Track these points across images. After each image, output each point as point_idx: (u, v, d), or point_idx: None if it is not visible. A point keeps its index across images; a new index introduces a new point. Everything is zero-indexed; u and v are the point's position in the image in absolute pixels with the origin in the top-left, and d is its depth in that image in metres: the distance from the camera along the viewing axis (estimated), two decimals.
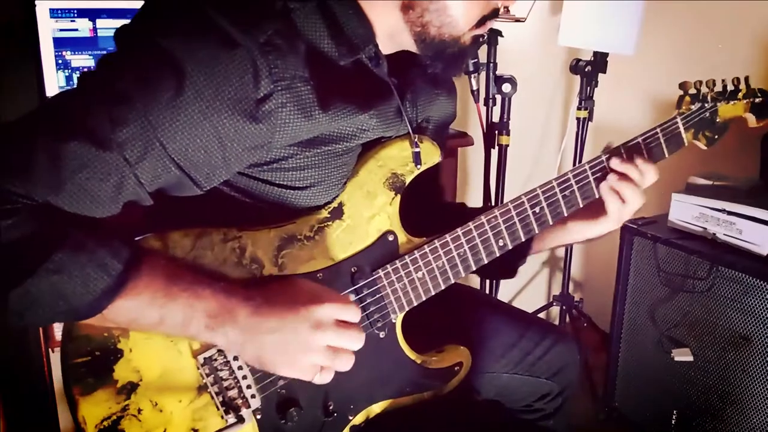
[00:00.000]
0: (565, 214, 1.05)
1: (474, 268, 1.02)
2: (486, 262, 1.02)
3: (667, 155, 1.07)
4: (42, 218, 0.74)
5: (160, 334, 0.85)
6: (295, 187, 0.91)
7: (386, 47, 0.95)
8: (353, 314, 0.88)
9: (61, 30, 1.63)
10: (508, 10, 0.93)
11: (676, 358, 1.78)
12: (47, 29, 1.62)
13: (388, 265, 0.98)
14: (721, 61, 2.07)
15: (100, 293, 0.76)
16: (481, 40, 1.80)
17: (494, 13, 0.92)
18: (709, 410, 1.75)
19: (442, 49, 0.92)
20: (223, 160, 0.82)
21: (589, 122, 2.23)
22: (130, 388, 0.86)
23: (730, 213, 1.68)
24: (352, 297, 0.97)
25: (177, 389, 0.88)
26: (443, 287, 1.01)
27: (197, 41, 0.77)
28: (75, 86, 0.80)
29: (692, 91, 1.10)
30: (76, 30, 1.65)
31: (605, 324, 2.17)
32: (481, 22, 0.91)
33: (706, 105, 1.09)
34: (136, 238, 0.84)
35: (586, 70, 2.14)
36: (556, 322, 2.57)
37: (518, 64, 2.21)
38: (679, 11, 2.18)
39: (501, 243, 1.02)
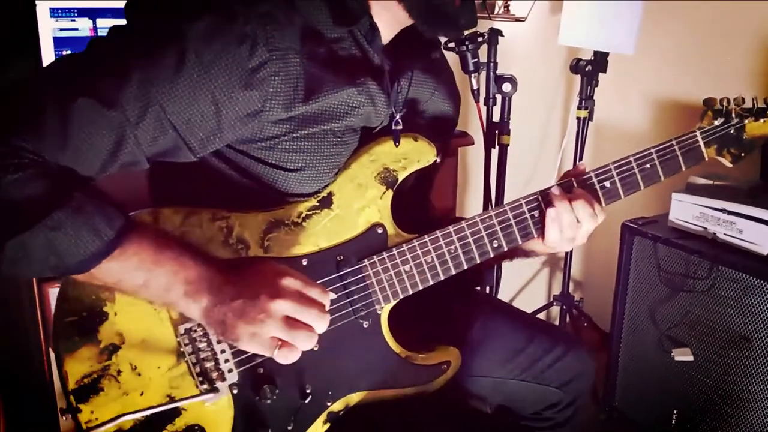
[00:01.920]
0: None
1: (465, 267, 1.02)
2: (479, 261, 1.02)
3: (684, 168, 1.06)
4: (48, 177, 0.79)
5: (142, 298, 0.88)
6: (287, 169, 0.94)
7: (384, 30, 0.98)
8: (318, 293, 0.88)
9: (62, 29, 1.63)
10: None
11: (677, 358, 1.78)
12: (47, 29, 1.62)
13: (374, 256, 0.99)
14: (722, 60, 2.08)
15: (90, 255, 0.81)
16: (480, 39, 1.82)
17: None
18: (710, 410, 1.75)
19: (429, 4, 0.93)
20: (218, 126, 0.86)
21: (590, 122, 2.23)
22: (112, 349, 0.90)
23: (730, 213, 1.68)
24: (336, 284, 0.97)
25: (156, 355, 0.92)
26: (431, 282, 1.01)
27: (201, 13, 0.82)
28: (84, 50, 0.84)
29: (718, 107, 1.08)
30: (77, 29, 1.65)
31: (605, 324, 2.17)
32: None
33: (731, 121, 1.07)
34: (131, 213, 0.88)
35: (587, 69, 2.14)
36: (557, 322, 2.57)
37: (518, 64, 2.21)
38: (679, 10, 2.18)
39: (495, 244, 1.02)
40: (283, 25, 0.86)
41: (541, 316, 2.63)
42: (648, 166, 1.05)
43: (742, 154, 1.09)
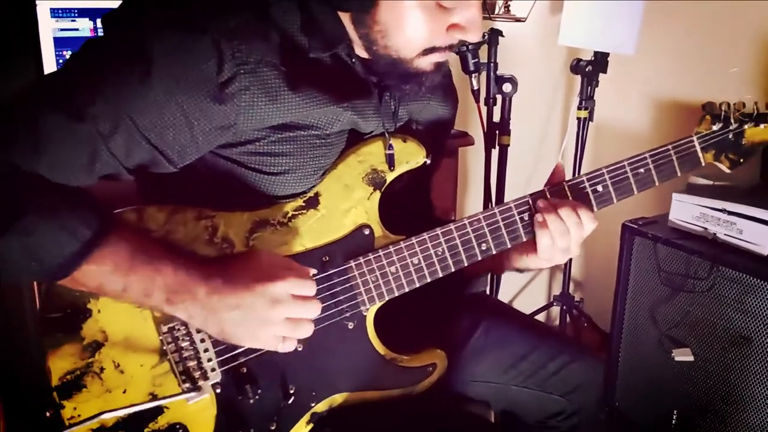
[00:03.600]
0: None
1: (453, 269, 1.01)
2: (466, 264, 1.01)
3: (679, 173, 1.05)
4: (20, 183, 0.81)
5: (127, 302, 0.88)
6: (269, 173, 0.94)
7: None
8: (309, 288, 0.90)
9: (62, 30, 1.64)
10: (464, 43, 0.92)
11: (677, 358, 1.78)
12: (48, 29, 1.62)
13: (360, 257, 0.99)
14: (722, 60, 2.08)
15: (69, 256, 0.81)
16: (480, 40, 1.82)
17: (448, 45, 0.91)
18: (710, 410, 1.75)
19: (394, 67, 0.92)
20: (192, 138, 0.87)
21: (590, 122, 2.23)
22: (95, 346, 0.90)
23: (730, 213, 1.67)
24: (321, 285, 0.97)
25: (139, 353, 0.92)
26: (418, 284, 1.01)
27: (169, 28, 0.83)
28: (62, 65, 0.87)
29: (717, 111, 1.06)
30: (77, 30, 1.66)
31: (605, 324, 2.17)
32: (429, 51, 0.90)
33: (730, 126, 1.05)
34: (116, 211, 0.89)
35: (587, 69, 2.14)
36: (557, 322, 2.57)
37: (519, 64, 2.22)
38: (679, 10, 2.18)
39: (484, 247, 1.01)
40: (254, 39, 0.85)
41: (542, 316, 2.63)
42: (642, 170, 1.03)
43: (741, 160, 1.07)
